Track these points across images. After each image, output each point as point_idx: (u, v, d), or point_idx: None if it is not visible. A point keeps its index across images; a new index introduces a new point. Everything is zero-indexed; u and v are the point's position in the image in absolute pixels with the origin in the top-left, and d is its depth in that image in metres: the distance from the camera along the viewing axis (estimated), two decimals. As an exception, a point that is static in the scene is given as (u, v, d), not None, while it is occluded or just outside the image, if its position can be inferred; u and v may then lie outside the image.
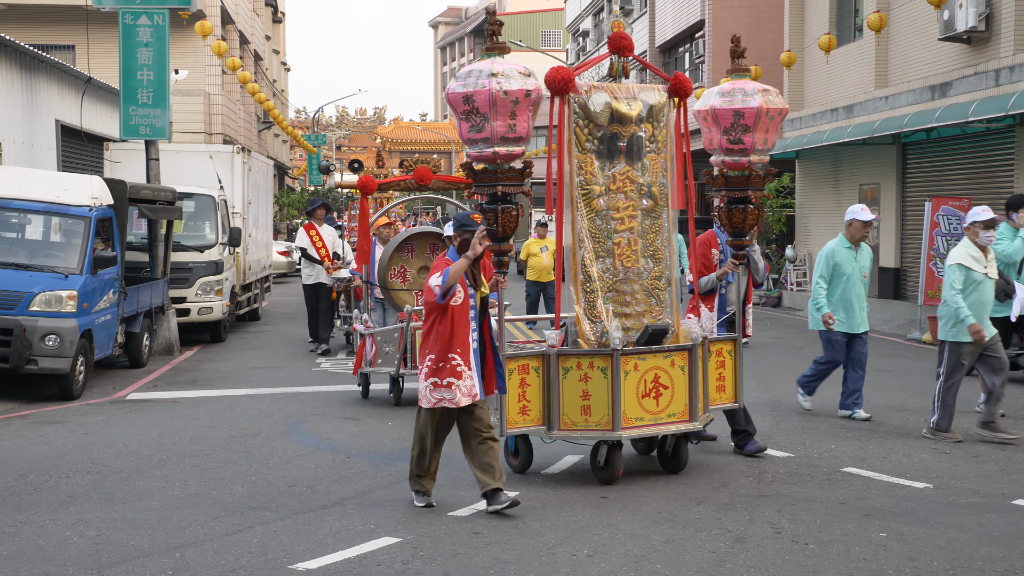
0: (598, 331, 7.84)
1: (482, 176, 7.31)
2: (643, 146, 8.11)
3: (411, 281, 11.97)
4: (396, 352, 10.80)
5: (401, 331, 10.74)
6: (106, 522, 6.86)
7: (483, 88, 7.06)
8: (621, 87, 8.06)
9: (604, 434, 7.69)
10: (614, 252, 7.98)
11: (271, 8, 48.50)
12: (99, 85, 22.00)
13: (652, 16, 38.74)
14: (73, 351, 11.41)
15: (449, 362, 6.95)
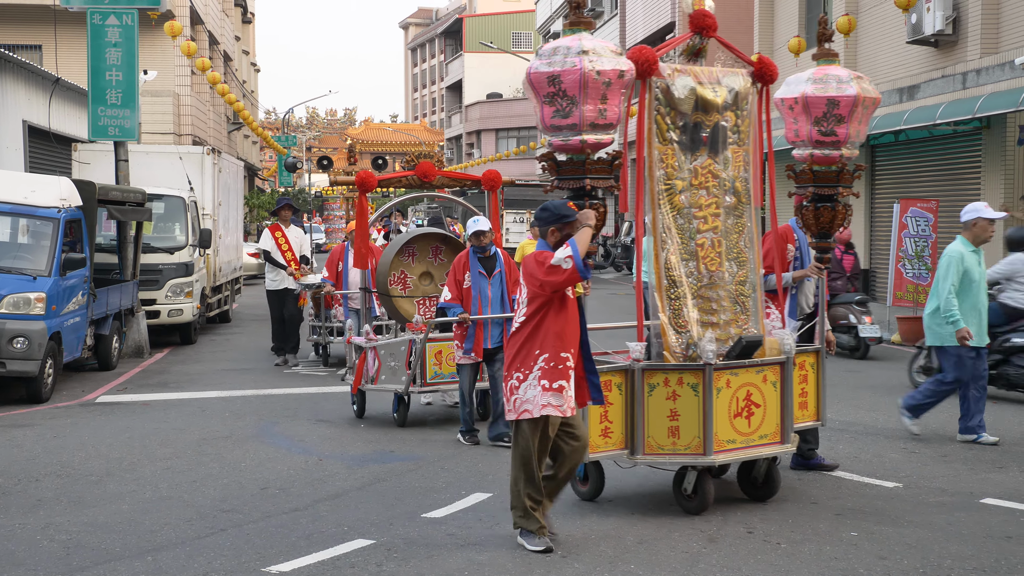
0: (684, 342, 7.04)
1: (567, 168, 6.58)
2: (726, 137, 7.27)
3: (412, 288, 11.14)
4: (402, 367, 9.91)
5: (409, 344, 9.87)
6: (77, 526, 6.80)
7: (573, 68, 6.29)
8: (704, 70, 7.20)
9: (695, 459, 6.88)
10: (697, 254, 7.16)
11: (241, 9, 48.27)
12: (67, 85, 21.82)
13: (623, 18, 38.87)
14: (41, 353, 11.30)
15: (563, 362, 6.16)
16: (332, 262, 13.48)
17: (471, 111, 68.82)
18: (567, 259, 5.93)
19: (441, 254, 11.28)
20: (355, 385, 10.38)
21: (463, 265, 9.24)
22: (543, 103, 6.51)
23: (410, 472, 8.28)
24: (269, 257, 14.43)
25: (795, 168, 7.81)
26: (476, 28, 72.28)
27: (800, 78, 7.61)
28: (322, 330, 14.19)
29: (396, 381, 9.97)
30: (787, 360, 7.24)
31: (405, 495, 7.57)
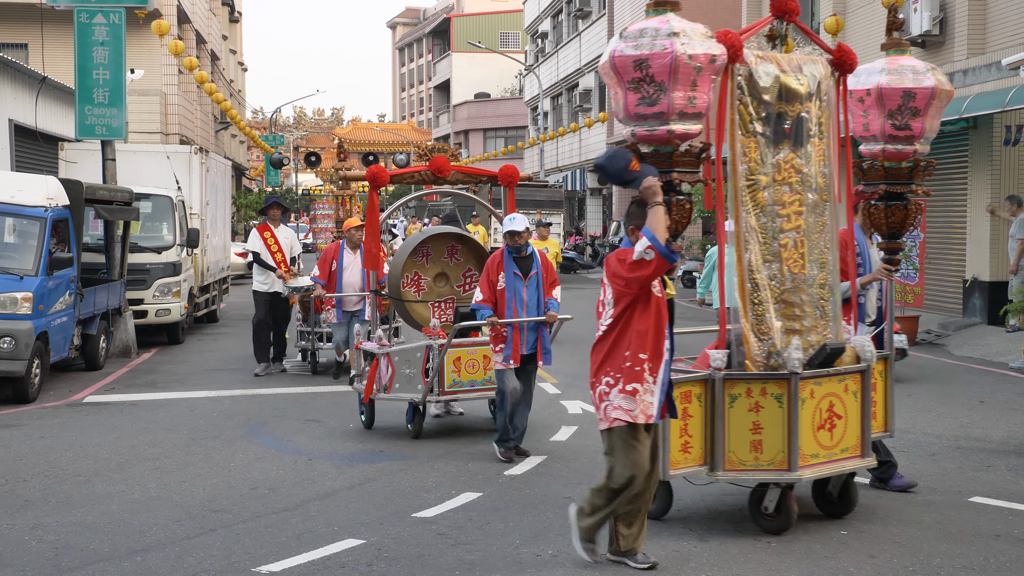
0: (765, 350, 6.60)
1: (652, 160, 6.07)
2: (807, 129, 6.80)
3: (426, 290, 10.53)
4: (418, 375, 9.27)
5: (426, 350, 9.25)
6: (65, 526, 6.77)
7: (663, 51, 5.81)
8: (784, 57, 6.73)
9: (780, 475, 6.45)
10: (780, 255, 6.68)
11: (228, 8, 48.14)
12: (54, 84, 21.72)
13: (611, 18, 38.92)
14: (28, 353, 11.25)
15: (640, 363, 5.73)
16: (325, 262, 12.51)
17: (459, 111, 68.81)
18: (647, 250, 5.55)
19: (457, 254, 10.71)
20: (367, 394, 9.71)
21: (497, 265, 8.70)
22: (627, 89, 5.99)
23: (400, 472, 8.27)
24: (258, 258, 13.71)
25: (862, 164, 7.37)
26: (464, 28, 72.27)
27: (873, 68, 7.14)
28: (311, 335, 13.50)
29: (411, 390, 9.33)
30: (868, 368, 6.88)
31: (395, 495, 7.56)
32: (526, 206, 32.47)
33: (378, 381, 9.61)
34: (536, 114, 51.72)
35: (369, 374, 9.70)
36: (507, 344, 8.61)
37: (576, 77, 44.64)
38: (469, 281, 10.66)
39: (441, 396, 9.34)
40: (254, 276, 13.98)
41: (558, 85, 47.65)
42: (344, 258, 12.34)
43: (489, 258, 8.91)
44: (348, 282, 12.27)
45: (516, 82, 68.48)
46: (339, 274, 12.29)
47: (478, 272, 10.50)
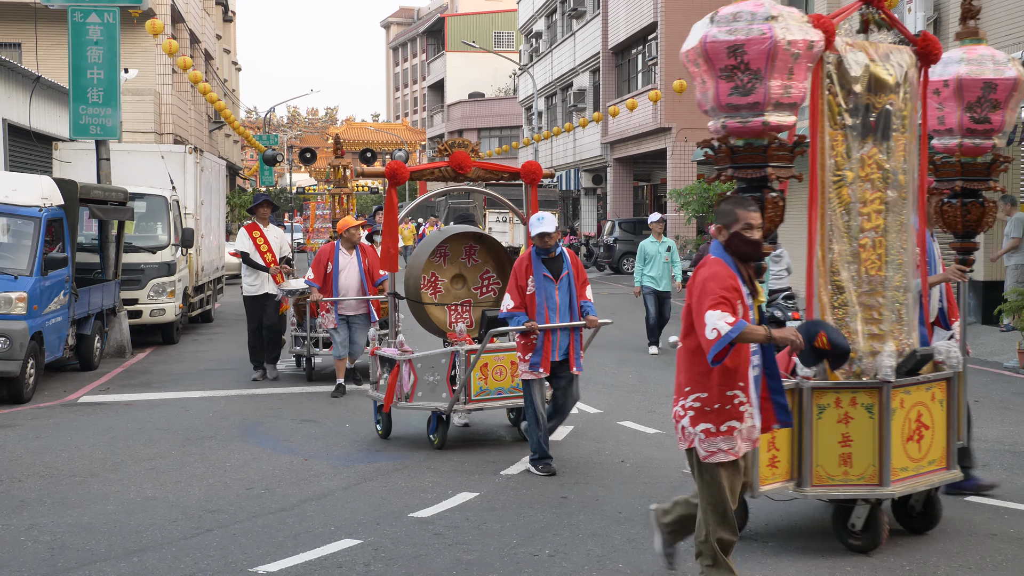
0: None
1: (743, 154, 5.65)
2: (891, 122, 6.39)
3: (443, 293, 10.12)
4: (443, 382, 8.79)
5: (451, 356, 8.82)
6: (61, 527, 6.76)
7: (761, 36, 5.41)
8: (872, 45, 6.35)
9: (872, 490, 6.08)
10: (859, 256, 6.34)
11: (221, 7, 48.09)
12: (48, 84, 21.69)
13: (605, 18, 38.93)
14: (23, 353, 11.22)
15: (730, 401, 5.17)
16: (320, 263, 11.97)
17: (453, 110, 68.80)
18: (713, 330, 4.94)
19: (475, 254, 10.26)
20: (387, 403, 9.18)
21: (526, 268, 8.22)
22: (719, 78, 5.56)
23: (396, 472, 8.26)
24: (247, 259, 13.00)
25: (935, 159, 6.92)
26: (458, 27, 72.25)
27: (951, 58, 6.69)
28: (306, 341, 12.90)
29: (436, 398, 8.85)
30: (955, 376, 6.52)
31: (392, 495, 7.55)
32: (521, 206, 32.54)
33: (399, 389, 9.09)
34: (530, 114, 51.74)
35: (389, 382, 9.15)
36: (536, 351, 8.10)
37: (570, 77, 44.66)
38: (487, 283, 10.34)
39: (468, 404, 8.83)
40: (243, 279, 13.22)
41: (552, 85, 47.67)
42: (340, 259, 11.83)
43: (516, 262, 8.40)
44: (345, 284, 11.79)
45: (510, 82, 68.48)
46: (335, 276, 11.74)
47: (496, 274, 10.29)
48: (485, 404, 8.98)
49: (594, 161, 42.20)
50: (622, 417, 10.45)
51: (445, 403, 8.76)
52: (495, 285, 10.32)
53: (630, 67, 37.99)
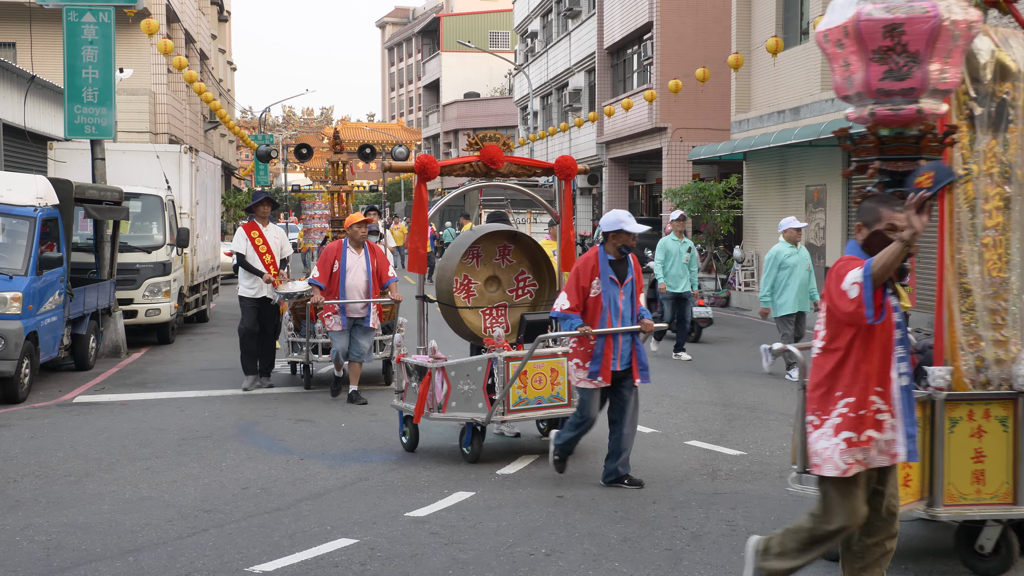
0: (972, 364, 5.83)
1: (894, 145, 5.15)
2: (1006, 113, 5.92)
3: (477, 296, 9.41)
4: (479, 392, 8.30)
5: (488, 363, 8.32)
6: (56, 527, 6.75)
7: (924, 14, 4.93)
8: (992, 30, 5.91)
9: (1007, 510, 5.68)
10: (982, 256, 5.90)
11: (217, 7, 48.04)
12: (43, 83, 21.65)
13: (600, 18, 38.94)
14: (18, 353, 11.20)
15: (869, 407, 4.70)
16: (325, 262, 11.26)
17: (448, 110, 68.80)
18: (853, 285, 4.51)
19: (509, 255, 9.56)
20: (417, 414, 8.60)
21: (592, 269, 7.61)
22: (870, 60, 5.06)
23: (392, 471, 8.26)
24: (243, 261, 12.11)
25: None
26: (453, 27, 72.25)
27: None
28: (304, 347, 12.13)
29: (471, 409, 8.31)
30: None
31: (387, 494, 7.55)
32: (517, 206, 32.52)
33: (431, 399, 8.52)
34: (526, 114, 51.73)
35: (420, 391, 8.55)
36: (595, 360, 7.54)
37: (566, 77, 44.66)
38: (522, 285, 9.66)
39: (507, 415, 8.26)
40: (240, 280, 12.41)
41: (548, 85, 47.67)
42: (347, 258, 11.23)
43: (580, 260, 7.75)
44: (352, 285, 11.20)
45: (506, 82, 68.49)
46: (341, 276, 11.17)
47: (532, 275, 9.65)
48: (525, 414, 8.39)
49: (590, 161, 42.20)
50: (618, 416, 10.44)
51: (481, 414, 8.22)
52: (531, 287, 9.68)
53: (625, 67, 38.01)
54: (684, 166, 31.97)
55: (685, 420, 10.31)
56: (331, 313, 11.24)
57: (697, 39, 31.69)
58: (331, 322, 11.30)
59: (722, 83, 28.14)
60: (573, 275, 7.69)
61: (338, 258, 11.26)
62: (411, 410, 8.69)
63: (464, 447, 8.55)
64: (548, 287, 9.57)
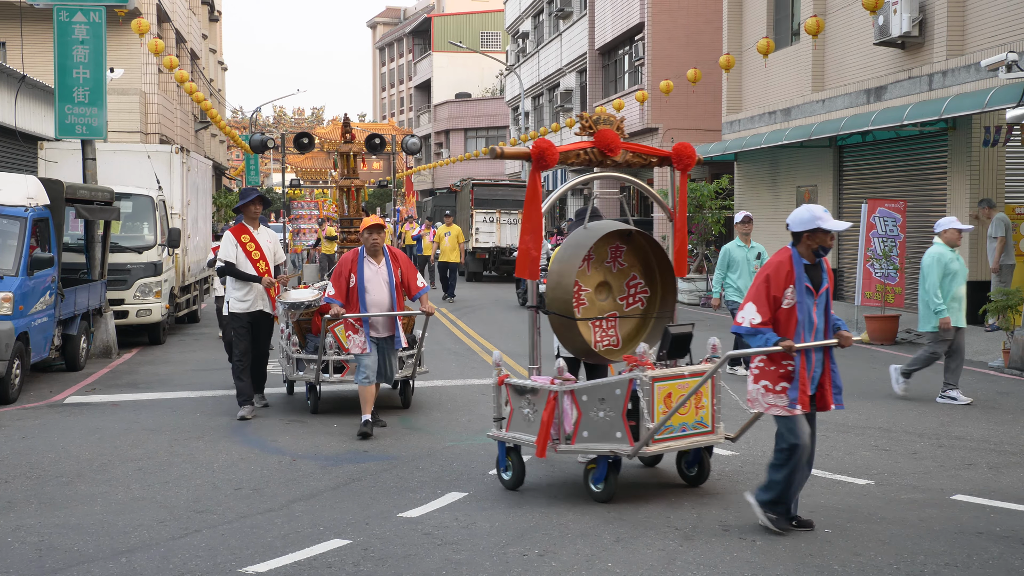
0: None
1: None
2: None
3: (587, 305, 8.05)
4: (619, 419, 7.08)
5: (629, 385, 7.08)
6: (48, 527, 6.73)
7: None
8: None
9: None
10: None
11: (207, 7, 47.95)
12: (33, 83, 21.60)
13: (592, 18, 38.96)
14: (9, 354, 11.18)
15: None
16: (340, 275, 9.76)
17: (440, 111, 68.77)
18: None
19: (621, 257, 8.19)
20: (542, 447, 7.30)
21: (786, 276, 6.46)
22: None
23: (385, 472, 8.26)
24: (232, 270, 10.63)
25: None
26: (444, 27, 72.23)
27: None
28: (312, 365, 10.63)
29: (608, 439, 7.14)
30: None
31: (380, 495, 7.55)
32: (507, 206, 32.54)
33: (557, 428, 7.34)
34: (517, 114, 51.74)
35: (544, 419, 7.32)
36: (793, 382, 6.46)
37: (557, 77, 44.68)
38: (633, 292, 8.27)
39: (652, 446, 7.09)
40: (229, 293, 10.80)
41: (539, 85, 47.68)
42: (364, 270, 9.71)
43: (774, 264, 6.55)
44: (372, 302, 9.72)
45: (497, 82, 68.50)
46: (360, 292, 9.64)
47: (644, 280, 8.27)
48: (669, 444, 7.21)
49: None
50: (610, 417, 10.44)
51: (621, 444, 7.06)
52: (642, 294, 8.27)
53: (617, 67, 38.03)
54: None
55: (677, 420, 10.31)
56: (351, 333, 9.76)
57: (688, 40, 31.73)
58: (352, 343, 9.77)
59: (713, 84, 28.19)
60: (762, 283, 6.49)
61: (354, 271, 9.71)
62: (524, 441, 7.49)
63: (594, 484, 7.30)
64: (659, 295, 8.26)
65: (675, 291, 8.23)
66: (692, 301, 24.44)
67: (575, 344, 7.92)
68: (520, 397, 7.61)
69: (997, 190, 17.51)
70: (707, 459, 7.68)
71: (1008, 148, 17.48)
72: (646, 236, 8.19)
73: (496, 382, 7.82)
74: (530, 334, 7.83)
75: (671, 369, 7.36)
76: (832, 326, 6.66)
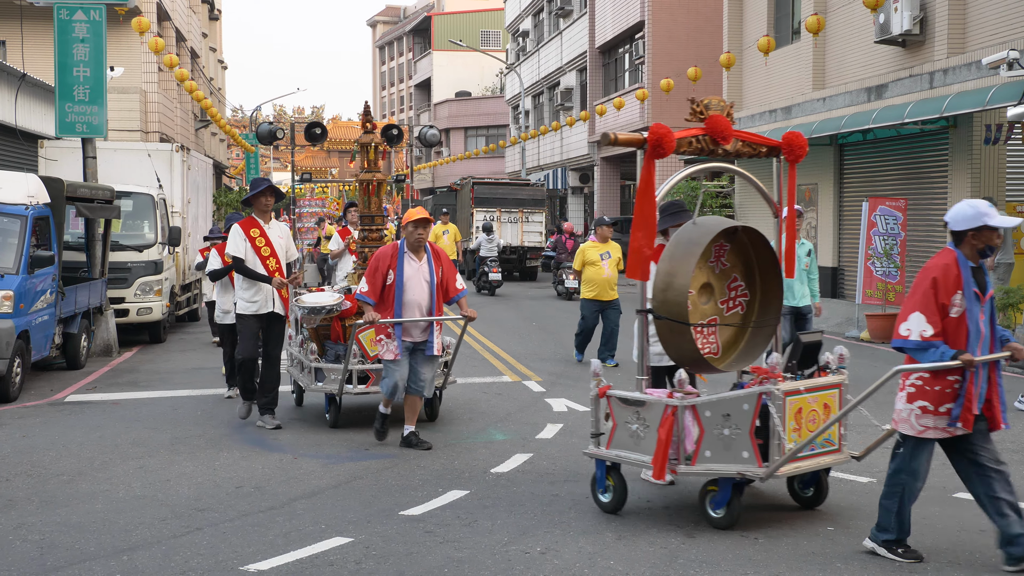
0: None
1: None
2: None
3: (692, 309, 7.11)
4: (745, 437, 6.41)
5: (758, 400, 6.38)
6: (49, 526, 6.73)
7: None
8: None
9: None
10: None
11: (208, 5, 47.92)
12: (33, 82, 21.58)
13: (592, 17, 38.96)
14: (9, 352, 11.17)
15: None
16: (375, 272, 8.87)
17: (440, 109, 68.72)
18: None
19: (723, 256, 7.35)
20: (659, 469, 6.58)
21: (954, 280, 5.79)
22: None
23: (386, 470, 8.25)
24: (241, 267, 9.72)
25: None
26: (445, 26, 72.21)
27: None
28: (334, 376, 9.67)
29: (734, 459, 6.46)
30: None
31: (382, 493, 7.54)
32: (508, 204, 32.52)
33: (676, 447, 6.65)
34: (517, 113, 51.72)
35: (661, 437, 6.59)
36: (959, 399, 5.83)
37: (557, 76, 44.66)
38: (734, 294, 7.43)
39: (784, 468, 6.38)
40: (238, 292, 9.92)
41: (539, 84, 47.67)
42: (405, 267, 8.87)
43: (939, 266, 5.84)
44: (412, 301, 8.88)
45: (497, 81, 68.47)
46: (397, 290, 8.83)
47: (744, 282, 7.44)
48: (801, 464, 6.53)
49: (581, 160, 42.21)
50: (611, 415, 10.44)
51: (748, 465, 6.40)
52: (742, 298, 7.47)
53: (617, 66, 38.02)
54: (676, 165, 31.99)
55: (678, 419, 10.30)
56: (383, 337, 8.92)
57: (689, 38, 31.73)
58: (384, 348, 8.92)
59: (714, 82, 28.18)
60: (928, 288, 5.80)
61: (393, 267, 8.88)
62: (631, 460, 6.83)
63: (714, 509, 6.63)
64: (758, 299, 7.46)
65: (778, 297, 7.40)
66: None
67: (682, 352, 6.99)
68: (626, 411, 6.90)
69: (998, 188, 17.49)
70: (825, 479, 7.04)
71: (1009, 146, 17.46)
72: (753, 233, 7.35)
73: (596, 394, 7.07)
74: (638, 341, 7.11)
75: (803, 381, 6.65)
76: (999, 337, 5.96)
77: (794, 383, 6.56)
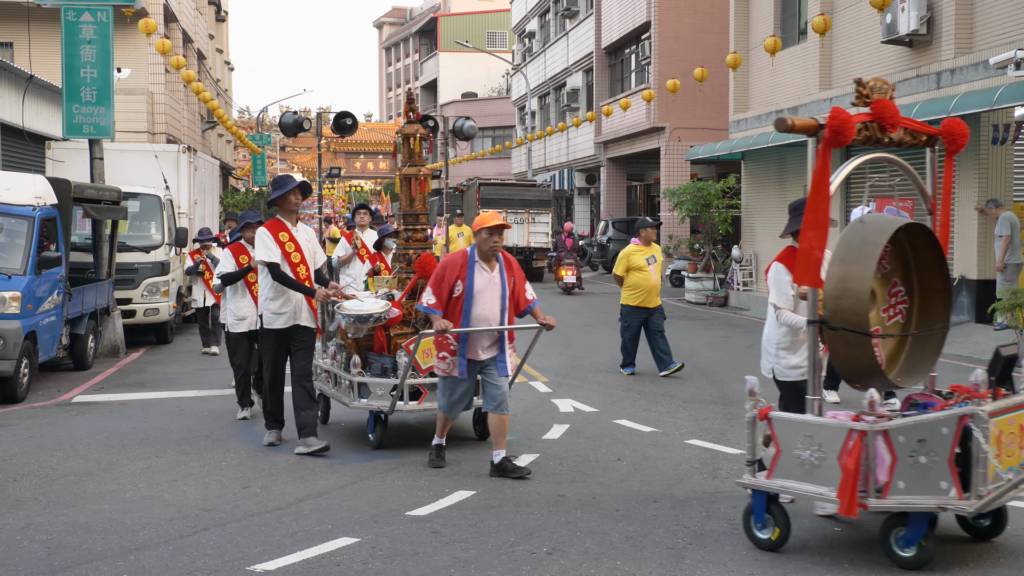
0: None
1: None
2: None
3: None
4: (943, 464, 5.64)
5: (959, 423, 5.62)
6: (56, 526, 6.74)
7: None
8: None
9: None
10: None
11: (214, 7, 48.00)
12: (41, 83, 21.62)
13: (598, 18, 38.96)
14: (17, 353, 11.19)
15: None
16: (442, 281, 8.03)
17: (446, 110, 68.71)
18: None
19: (885, 259, 6.54)
20: (849, 502, 5.73)
21: None
22: None
23: (393, 470, 8.25)
24: (279, 273, 8.66)
25: None
26: (451, 27, 72.25)
27: None
28: (380, 391, 8.82)
29: (931, 490, 5.68)
30: None
31: (388, 493, 7.54)
32: (514, 205, 32.52)
33: (865, 478, 5.81)
34: (523, 113, 51.73)
35: (847, 467, 5.76)
36: None
37: (563, 77, 44.66)
38: (895, 300, 6.69)
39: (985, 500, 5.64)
40: (264, 304, 8.86)
41: (545, 84, 47.67)
42: (476, 278, 8.00)
43: None
44: (481, 316, 8.02)
45: (503, 82, 68.46)
46: (466, 304, 7.96)
47: (903, 287, 6.70)
48: (1003, 497, 5.82)
49: (587, 161, 42.21)
50: (618, 415, 10.45)
51: (948, 497, 5.64)
52: (902, 304, 6.72)
53: (623, 67, 38.01)
54: (682, 166, 31.98)
55: (685, 419, 10.31)
56: (446, 353, 8.06)
57: (695, 39, 31.71)
58: (446, 365, 8.08)
59: (720, 83, 28.16)
60: None
61: (462, 277, 7.99)
62: (803, 492, 6.08)
63: (902, 548, 5.85)
64: (917, 305, 6.70)
65: (944, 303, 6.62)
66: (699, 300, 24.42)
67: (856, 365, 6.21)
68: (794, 435, 6.11)
69: (1005, 188, 17.45)
70: (1005, 506, 6.25)
71: (1016, 146, 17.42)
72: (923, 231, 6.56)
73: (755, 416, 6.29)
74: (810, 357, 6.20)
75: (1003, 401, 5.88)
76: None
77: (996, 403, 5.82)
